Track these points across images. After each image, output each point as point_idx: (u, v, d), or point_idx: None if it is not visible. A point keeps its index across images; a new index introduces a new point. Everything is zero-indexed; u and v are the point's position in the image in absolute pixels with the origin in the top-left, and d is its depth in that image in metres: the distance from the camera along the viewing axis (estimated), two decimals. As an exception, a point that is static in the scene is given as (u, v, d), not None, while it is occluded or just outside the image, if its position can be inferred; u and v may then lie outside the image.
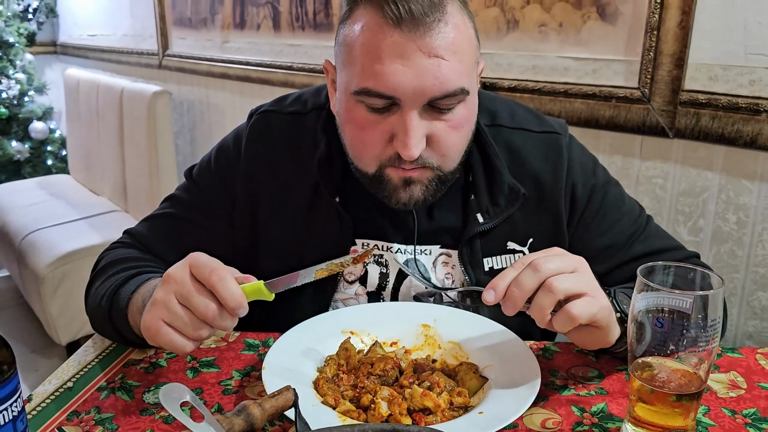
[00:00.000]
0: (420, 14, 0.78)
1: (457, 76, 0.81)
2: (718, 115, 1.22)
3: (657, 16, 1.27)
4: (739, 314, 1.27)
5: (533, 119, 1.01)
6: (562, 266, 0.73)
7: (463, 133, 0.88)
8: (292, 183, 1.00)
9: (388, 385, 0.79)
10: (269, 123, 1.03)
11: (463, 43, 0.82)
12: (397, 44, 0.79)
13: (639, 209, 1.03)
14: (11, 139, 4.01)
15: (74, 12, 4.38)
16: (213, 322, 0.73)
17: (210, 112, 2.97)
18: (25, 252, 2.78)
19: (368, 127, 0.85)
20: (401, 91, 0.80)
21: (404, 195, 0.89)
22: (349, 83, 0.85)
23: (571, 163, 0.99)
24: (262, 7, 2.49)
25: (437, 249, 0.99)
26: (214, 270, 0.73)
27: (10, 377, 0.59)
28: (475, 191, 0.97)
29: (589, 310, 0.72)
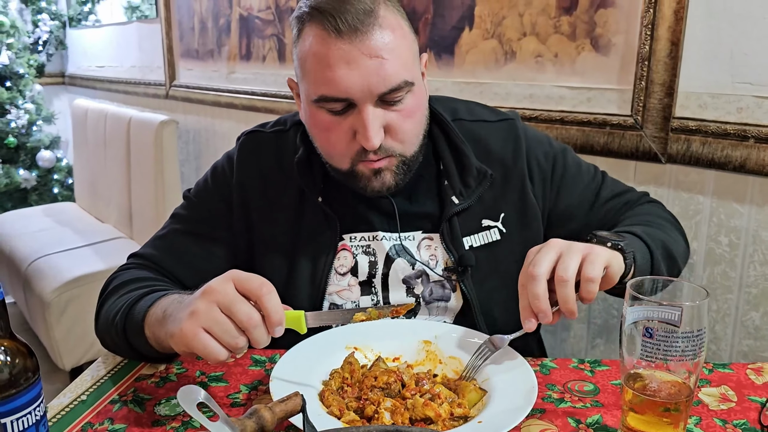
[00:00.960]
0: (356, 23, 0.89)
1: (398, 71, 0.92)
2: (707, 141, 1.26)
3: (647, 47, 1.32)
4: (734, 334, 1.30)
5: (488, 112, 1.15)
6: (550, 258, 0.82)
7: (417, 119, 0.99)
8: (279, 189, 1.09)
9: (390, 397, 0.82)
10: (256, 140, 1.14)
11: (399, 40, 0.93)
12: (341, 52, 0.89)
13: (594, 167, 1.19)
14: (19, 168, 4.07)
15: (83, 44, 4.48)
16: (253, 331, 0.77)
17: (215, 140, 3.04)
18: (31, 278, 2.81)
19: (332, 128, 0.96)
20: (352, 92, 0.91)
21: (377, 183, 0.99)
22: (308, 93, 0.96)
23: (528, 141, 1.12)
24: (267, 40, 2.57)
25: (420, 234, 1.08)
26: (264, 283, 0.79)
27: (35, 382, 0.62)
28: (447, 177, 1.08)
29: (598, 264, 0.82)
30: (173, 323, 0.81)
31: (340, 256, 1.07)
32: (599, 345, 1.56)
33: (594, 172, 1.17)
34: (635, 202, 1.16)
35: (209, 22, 2.91)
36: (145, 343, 0.90)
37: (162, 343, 0.86)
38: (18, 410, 0.60)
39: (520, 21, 1.58)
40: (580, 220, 1.13)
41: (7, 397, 0.59)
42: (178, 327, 0.78)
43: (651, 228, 1.04)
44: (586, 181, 1.14)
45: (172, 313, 0.83)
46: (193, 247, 1.10)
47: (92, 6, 4.40)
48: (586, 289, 0.82)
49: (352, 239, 1.08)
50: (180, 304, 0.84)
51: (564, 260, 0.82)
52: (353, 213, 1.08)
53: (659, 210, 1.16)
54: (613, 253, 0.87)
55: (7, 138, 4.00)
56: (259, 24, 2.59)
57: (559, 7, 1.50)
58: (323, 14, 0.90)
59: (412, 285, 1.07)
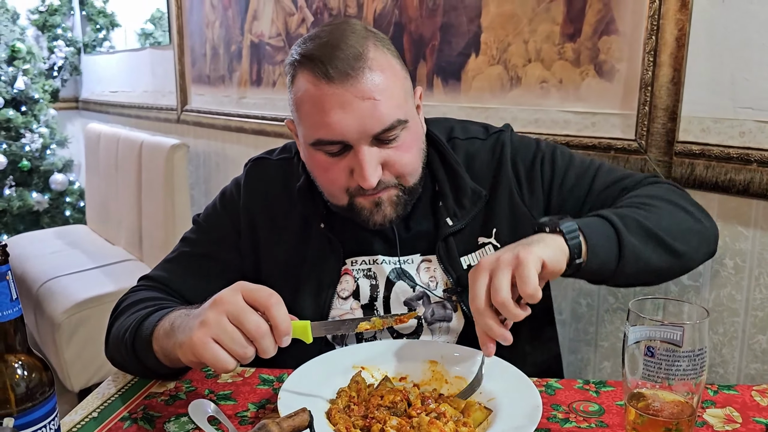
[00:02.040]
0: (346, 68, 0.91)
1: (391, 111, 0.94)
2: (711, 164, 1.28)
3: (650, 72, 1.35)
4: (741, 357, 1.30)
5: (481, 129, 1.17)
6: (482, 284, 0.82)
7: (414, 152, 1.01)
8: (285, 216, 1.12)
9: (397, 416, 0.83)
10: (262, 167, 1.18)
11: (390, 80, 0.95)
12: (335, 96, 0.92)
13: (589, 159, 1.15)
14: (32, 191, 4.13)
15: (97, 70, 4.57)
16: (261, 340, 0.79)
17: (225, 164, 3.08)
18: (42, 299, 2.84)
19: (330, 168, 0.98)
20: (348, 134, 0.93)
21: (378, 217, 1.00)
22: (305, 136, 0.99)
23: (513, 148, 1.12)
24: (278, 65, 2.62)
25: (418, 257, 1.10)
26: (272, 293, 0.81)
27: (50, 396, 0.64)
28: (442, 198, 1.09)
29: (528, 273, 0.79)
30: (182, 333, 0.83)
31: (342, 280, 1.09)
32: (606, 368, 1.56)
33: (588, 164, 1.13)
34: (633, 187, 1.08)
35: (221, 48, 2.98)
36: (153, 357, 0.91)
37: (170, 356, 0.88)
38: (34, 423, 0.62)
39: (525, 48, 1.62)
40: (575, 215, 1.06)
41: (23, 411, 0.61)
42: (187, 336, 0.80)
43: (631, 209, 0.97)
44: (578, 173, 1.11)
45: (180, 324, 0.85)
46: (202, 269, 1.12)
47: (107, 33, 4.50)
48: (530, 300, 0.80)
49: (353, 263, 1.10)
50: (188, 316, 0.86)
51: (494, 283, 0.80)
52: (355, 238, 1.09)
53: (659, 190, 1.05)
54: (548, 242, 0.85)
55: (21, 161, 4.07)
56: (270, 50, 2.65)
57: (564, 34, 1.53)
58: (313, 62, 0.93)
59: (414, 307, 1.08)
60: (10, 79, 4.10)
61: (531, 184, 1.11)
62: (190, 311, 0.88)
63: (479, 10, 1.71)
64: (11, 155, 4.04)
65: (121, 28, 4.43)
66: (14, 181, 4.10)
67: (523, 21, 1.61)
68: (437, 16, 1.85)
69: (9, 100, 4.09)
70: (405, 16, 1.95)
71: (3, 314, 0.60)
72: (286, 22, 2.52)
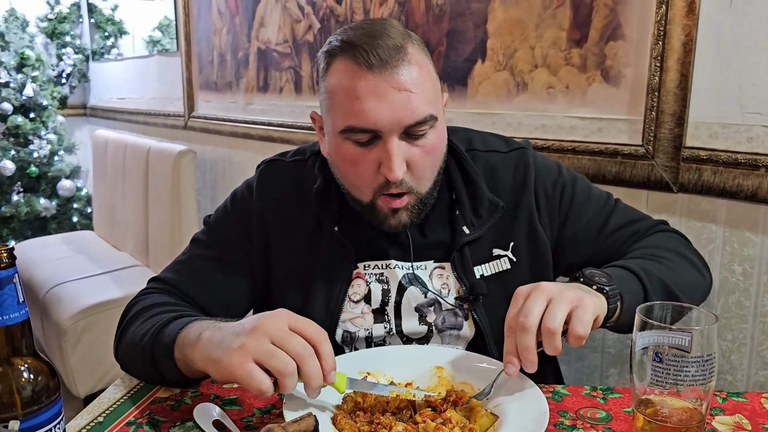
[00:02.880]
0: (386, 57, 0.93)
1: (424, 105, 0.95)
2: (719, 170, 1.27)
3: (657, 78, 1.34)
4: (750, 365, 1.29)
5: (501, 142, 1.17)
6: (540, 307, 0.83)
7: (436, 156, 1.01)
8: (297, 218, 1.11)
9: (402, 421, 0.83)
10: (275, 169, 1.17)
11: (425, 77, 0.97)
12: (371, 84, 0.93)
13: (606, 194, 1.18)
14: (40, 197, 4.15)
15: (105, 77, 4.60)
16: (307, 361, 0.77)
17: (232, 170, 3.09)
18: (48, 305, 2.85)
19: (358, 160, 0.98)
20: (380, 123, 0.94)
21: (393, 221, 1.01)
22: (335, 125, 0.98)
23: (537, 169, 1.12)
24: (284, 72, 2.63)
25: (431, 263, 1.10)
26: (320, 329, 0.81)
27: (56, 400, 0.64)
28: (459, 207, 1.10)
29: (586, 319, 0.82)
30: (218, 350, 0.80)
31: (354, 284, 1.09)
32: (613, 375, 1.55)
33: (605, 200, 1.16)
34: (645, 232, 1.14)
35: (228, 55, 2.99)
36: (172, 366, 0.89)
37: (192, 366, 0.86)
38: (39, 427, 0.62)
39: (531, 53, 1.62)
40: (587, 248, 1.13)
41: (29, 414, 0.61)
42: (226, 355, 0.78)
43: (652, 262, 1.03)
44: (595, 209, 1.14)
45: (212, 338, 0.83)
46: (212, 272, 1.12)
47: (115, 40, 4.53)
48: (575, 342, 0.82)
49: (366, 267, 1.10)
50: (220, 329, 0.83)
51: (552, 310, 0.82)
52: (368, 242, 1.09)
53: (670, 240, 1.12)
54: (599, 299, 0.88)
55: (29, 167, 4.09)
56: (277, 57, 2.66)
57: (570, 39, 1.53)
58: (355, 48, 0.93)
59: (425, 313, 1.08)
60: (19, 86, 4.13)
61: (549, 210, 1.12)
62: (219, 324, 0.86)
63: (486, 16, 1.72)
64: (19, 161, 4.06)
65: (129, 36, 4.46)
66: (22, 187, 4.13)
67: (529, 27, 1.61)
68: (443, 22, 1.85)
69: (18, 106, 4.12)
70: (411, 22, 1.96)
71: (10, 317, 0.60)
72: (293, 28, 2.53)
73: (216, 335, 0.83)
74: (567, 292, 0.84)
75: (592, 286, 0.90)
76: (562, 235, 1.13)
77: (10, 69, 4.12)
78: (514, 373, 0.84)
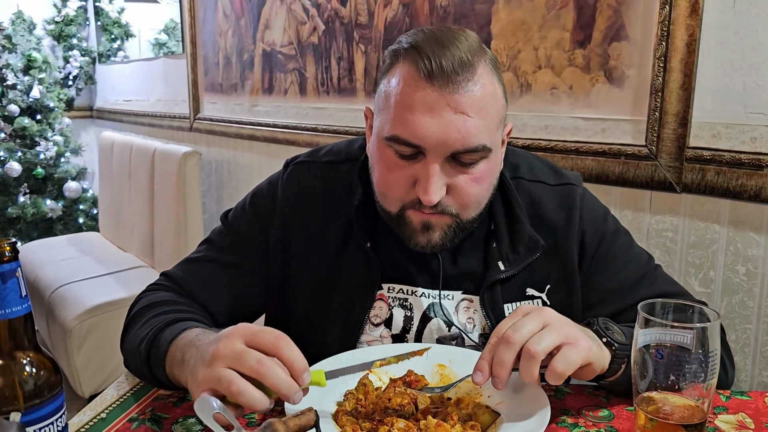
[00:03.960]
0: (450, 71, 0.85)
1: (479, 132, 0.87)
2: (722, 170, 1.27)
3: (661, 78, 1.34)
4: (753, 365, 1.29)
5: (550, 172, 1.07)
6: (532, 328, 0.77)
7: (485, 186, 0.93)
8: (324, 227, 1.05)
9: (404, 419, 0.83)
10: (305, 173, 1.09)
11: (490, 103, 0.88)
12: (427, 97, 0.86)
13: (647, 257, 1.07)
14: (46, 198, 4.18)
15: (111, 79, 4.63)
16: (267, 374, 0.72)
17: (237, 171, 3.10)
18: (54, 305, 2.86)
19: (395, 170, 0.91)
20: (427, 141, 0.87)
21: (423, 239, 0.94)
22: (382, 129, 0.92)
23: (583, 211, 1.04)
24: (289, 73, 2.64)
25: (459, 294, 1.03)
26: (279, 335, 0.75)
27: (58, 394, 0.64)
28: (497, 239, 1.02)
29: (573, 360, 0.76)
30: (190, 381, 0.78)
31: (376, 305, 1.03)
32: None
33: (645, 263, 1.05)
34: None
35: (233, 57, 3.00)
36: (166, 378, 0.89)
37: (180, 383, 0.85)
38: (41, 420, 0.62)
39: (535, 54, 1.62)
40: (609, 308, 1.02)
41: (31, 407, 0.61)
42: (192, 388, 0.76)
43: None
44: (630, 269, 1.04)
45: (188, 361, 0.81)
46: (222, 276, 1.08)
47: (121, 43, 4.56)
48: (551, 377, 0.76)
49: (390, 290, 1.04)
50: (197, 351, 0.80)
51: (542, 334, 0.76)
52: (396, 263, 1.03)
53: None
54: (602, 351, 0.81)
55: (36, 169, 4.11)
56: (282, 59, 2.67)
57: (574, 40, 1.53)
58: (420, 53, 0.86)
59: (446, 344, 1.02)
60: (26, 88, 4.16)
61: (584, 255, 1.03)
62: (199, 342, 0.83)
63: (489, 17, 1.72)
64: (26, 163, 4.09)
65: (135, 38, 4.49)
66: (28, 189, 4.15)
67: (533, 28, 1.61)
68: (447, 23, 1.85)
69: (24, 108, 4.15)
70: (416, 24, 1.96)
71: (12, 311, 0.61)
72: (298, 30, 2.54)
73: (191, 358, 0.80)
74: (568, 327, 0.79)
75: (602, 338, 0.83)
76: (587, 288, 1.04)
77: (17, 71, 4.15)
78: (481, 383, 0.78)
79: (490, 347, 0.78)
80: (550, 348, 0.76)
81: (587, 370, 0.80)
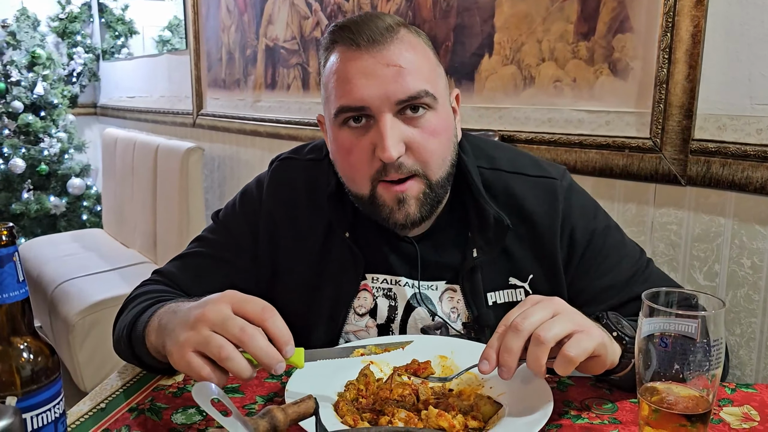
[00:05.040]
0: (375, 35, 0.91)
1: (416, 80, 0.91)
2: (727, 162, 1.26)
3: (665, 70, 1.33)
4: (759, 359, 1.28)
5: (531, 165, 1.06)
6: (542, 316, 0.76)
7: (442, 140, 0.95)
8: (308, 222, 1.07)
9: (405, 409, 0.82)
10: (289, 168, 1.12)
11: (420, 57, 0.93)
12: (360, 63, 0.91)
13: (639, 252, 1.06)
14: (49, 195, 4.18)
15: (115, 76, 4.63)
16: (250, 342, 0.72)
17: (240, 167, 3.09)
18: (56, 301, 2.86)
19: (353, 147, 0.94)
20: (370, 100, 0.90)
21: (400, 215, 0.95)
22: (330, 113, 0.96)
23: (570, 208, 1.02)
24: (292, 69, 2.63)
25: (443, 284, 1.05)
26: (265, 306, 0.76)
27: (55, 380, 0.64)
28: (470, 229, 1.03)
29: (584, 346, 0.75)
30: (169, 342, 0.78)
31: (361, 296, 1.06)
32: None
33: (638, 258, 1.05)
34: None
35: (236, 53, 3.00)
36: (147, 353, 0.90)
37: (161, 353, 0.85)
38: (38, 406, 0.62)
39: (538, 47, 1.61)
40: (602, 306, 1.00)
41: (28, 393, 0.61)
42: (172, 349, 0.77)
43: None
44: (623, 266, 1.03)
45: (166, 324, 0.82)
46: (213, 272, 1.09)
47: (125, 40, 4.56)
48: (559, 365, 0.74)
49: (374, 280, 1.06)
50: (175, 316, 0.81)
51: (552, 321, 0.75)
52: (378, 254, 1.05)
53: None
54: (612, 344, 0.80)
55: (40, 165, 4.12)
56: (285, 54, 2.66)
57: (577, 32, 1.52)
58: (345, 31, 0.93)
59: (430, 335, 1.03)
60: (30, 85, 4.16)
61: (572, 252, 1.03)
62: (176, 307, 0.85)
63: (493, 10, 1.71)
64: (30, 159, 4.09)
65: (138, 35, 4.49)
66: (32, 185, 4.16)
67: (536, 20, 1.60)
68: (451, 17, 1.84)
69: (28, 105, 4.15)
70: (419, 17, 1.96)
71: (9, 295, 0.60)
72: (301, 25, 2.54)
73: (170, 322, 0.81)
74: (579, 317, 0.78)
75: (613, 332, 0.82)
76: (579, 286, 1.03)
77: (21, 68, 4.16)
78: (488, 371, 0.77)
79: (498, 335, 0.77)
80: (560, 336, 0.74)
81: (598, 363, 0.79)
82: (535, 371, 0.75)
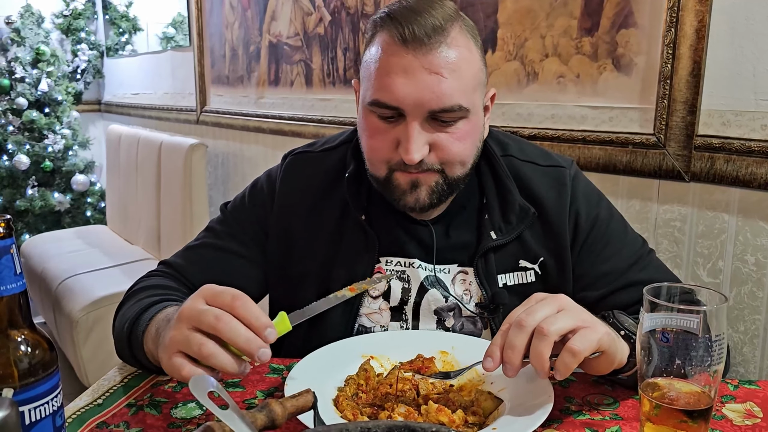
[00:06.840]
0: (423, 35, 0.89)
1: (454, 93, 0.91)
2: (731, 158, 1.25)
3: (669, 66, 1.32)
4: (762, 356, 1.27)
5: (540, 155, 1.10)
6: (546, 312, 0.76)
7: (468, 144, 0.96)
8: (323, 205, 1.08)
9: (405, 404, 0.82)
10: (303, 161, 1.13)
11: (464, 65, 0.92)
12: (403, 61, 0.90)
13: (641, 242, 1.08)
14: (54, 191, 4.19)
15: (119, 73, 4.63)
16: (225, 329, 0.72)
17: (243, 164, 3.09)
18: (60, 297, 2.87)
19: (378, 134, 0.96)
20: (404, 102, 0.91)
21: (411, 198, 0.97)
22: (365, 96, 0.97)
23: (575, 194, 1.05)
24: (295, 65, 2.63)
25: (455, 267, 1.06)
26: (235, 294, 0.75)
27: (53, 373, 0.64)
28: (488, 211, 1.05)
29: (589, 340, 0.74)
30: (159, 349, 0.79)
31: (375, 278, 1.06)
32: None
33: (640, 246, 1.07)
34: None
35: (240, 49, 3.00)
36: (145, 358, 0.90)
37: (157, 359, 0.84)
38: (36, 399, 0.61)
39: (542, 43, 1.60)
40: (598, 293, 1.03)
41: (25, 386, 0.61)
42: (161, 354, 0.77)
43: None
44: (623, 254, 1.05)
45: (159, 331, 0.83)
46: (220, 262, 1.10)
47: (129, 37, 4.56)
48: (563, 360, 0.74)
49: (388, 263, 1.06)
50: (168, 323, 0.81)
51: (556, 316, 0.75)
52: (392, 236, 1.06)
53: None
54: (619, 342, 0.80)
55: (44, 162, 4.13)
56: (288, 50, 2.66)
57: (581, 28, 1.51)
58: (393, 21, 0.91)
59: (444, 317, 1.05)
60: (35, 81, 4.17)
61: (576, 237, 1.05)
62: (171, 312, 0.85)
63: (496, 6, 1.70)
64: (34, 156, 4.10)
65: (142, 32, 4.49)
66: (36, 182, 4.16)
67: (540, 16, 1.59)
68: (454, 12, 1.83)
69: (33, 101, 4.16)
70: (421, 13, 1.95)
71: (7, 288, 0.60)
72: (304, 21, 2.53)
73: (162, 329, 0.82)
74: (584, 313, 0.78)
75: (620, 331, 0.82)
76: (580, 270, 1.05)
77: (25, 64, 4.16)
78: (491, 368, 0.76)
79: (502, 333, 0.77)
80: (564, 330, 0.74)
81: (605, 361, 0.79)
82: (538, 368, 0.74)
